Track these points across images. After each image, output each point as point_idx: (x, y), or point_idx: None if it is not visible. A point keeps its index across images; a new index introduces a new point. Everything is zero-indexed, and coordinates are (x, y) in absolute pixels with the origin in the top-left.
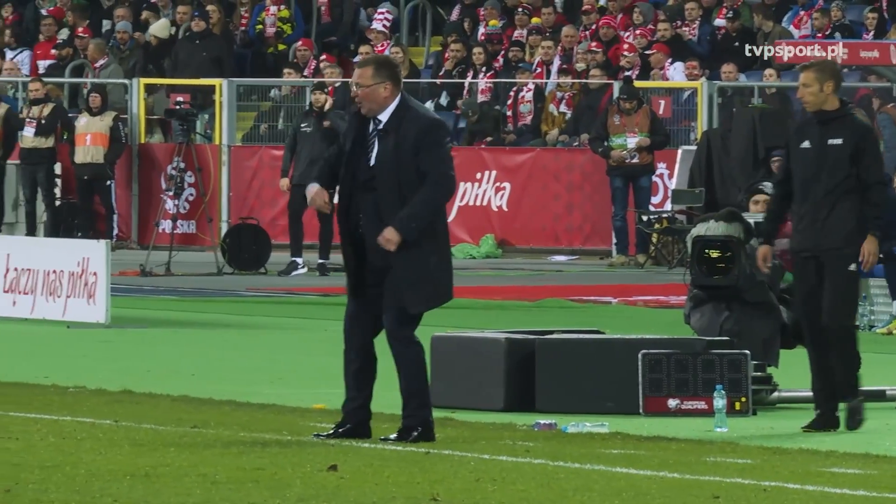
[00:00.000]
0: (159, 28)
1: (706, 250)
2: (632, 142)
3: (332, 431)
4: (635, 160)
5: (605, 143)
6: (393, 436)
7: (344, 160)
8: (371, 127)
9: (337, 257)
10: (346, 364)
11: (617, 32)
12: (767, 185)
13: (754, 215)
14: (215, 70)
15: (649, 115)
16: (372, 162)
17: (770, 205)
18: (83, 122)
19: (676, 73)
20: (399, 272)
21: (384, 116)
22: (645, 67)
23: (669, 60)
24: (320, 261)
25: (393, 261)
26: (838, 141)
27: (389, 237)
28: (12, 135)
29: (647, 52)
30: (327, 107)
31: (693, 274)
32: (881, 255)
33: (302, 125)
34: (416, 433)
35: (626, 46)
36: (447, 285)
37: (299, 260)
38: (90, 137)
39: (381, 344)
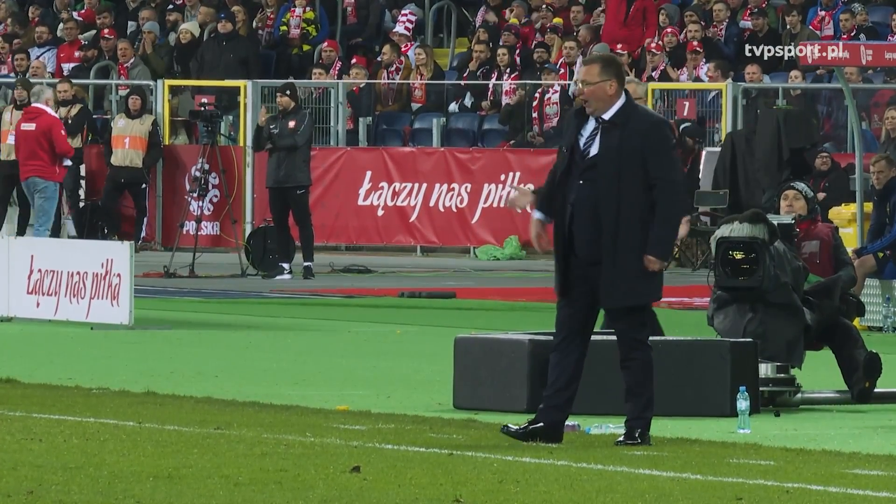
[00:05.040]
0: (192, 25)
1: (730, 252)
2: None
3: (523, 426)
4: None
5: None
6: (620, 438)
7: (561, 157)
8: (593, 123)
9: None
10: (550, 361)
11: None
12: (799, 184)
13: (781, 217)
14: (242, 71)
15: None
16: (593, 153)
17: None
18: (121, 124)
19: (704, 75)
20: (612, 269)
21: (608, 113)
22: (670, 69)
23: (704, 61)
24: (305, 264)
25: (604, 256)
26: None
27: (652, 264)
28: None
29: (689, 50)
30: (290, 108)
31: (717, 276)
32: None
33: (271, 127)
34: (637, 433)
35: (653, 45)
36: (656, 284)
37: (286, 265)
38: (129, 140)
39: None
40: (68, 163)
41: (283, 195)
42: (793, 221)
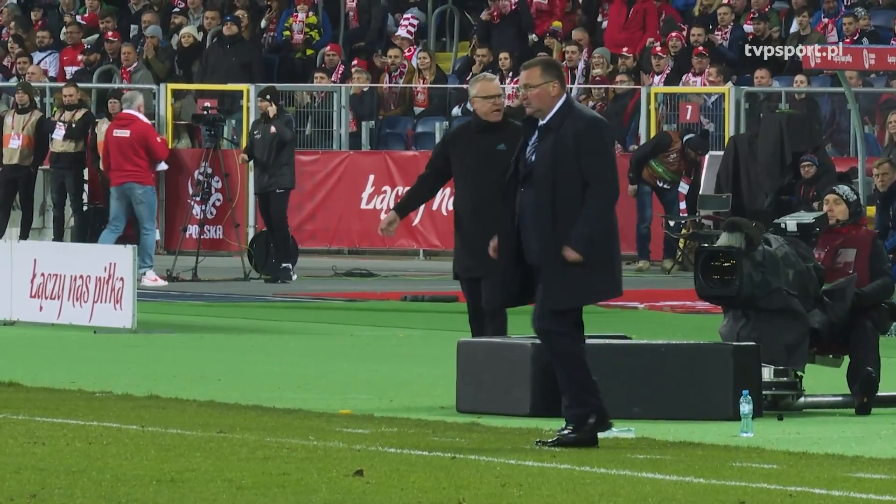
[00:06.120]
0: (194, 28)
1: (707, 261)
2: (684, 188)
3: (555, 438)
4: (666, 186)
5: (643, 167)
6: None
7: (513, 162)
8: (537, 131)
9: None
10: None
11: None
12: (841, 188)
13: (801, 216)
14: (245, 75)
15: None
16: (531, 159)
17: None
18: (104, 128)
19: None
20: (551, 271)
21: (547, 118)
22: (673, 72)
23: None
24: (283, 265)
25: (542, 259)
26: None
27: (569, 256)
28: (44, 142)
29: (695, 54)
30: (272, 113)
31: (696, 286)
32: None
33: (254, 132)
34: (568, 429)
35: (658, 49)
36: (603, 283)
37: (290, 267)
38: None
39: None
40: (164, 166)
41: (269, 200)
42: (812, 221)
